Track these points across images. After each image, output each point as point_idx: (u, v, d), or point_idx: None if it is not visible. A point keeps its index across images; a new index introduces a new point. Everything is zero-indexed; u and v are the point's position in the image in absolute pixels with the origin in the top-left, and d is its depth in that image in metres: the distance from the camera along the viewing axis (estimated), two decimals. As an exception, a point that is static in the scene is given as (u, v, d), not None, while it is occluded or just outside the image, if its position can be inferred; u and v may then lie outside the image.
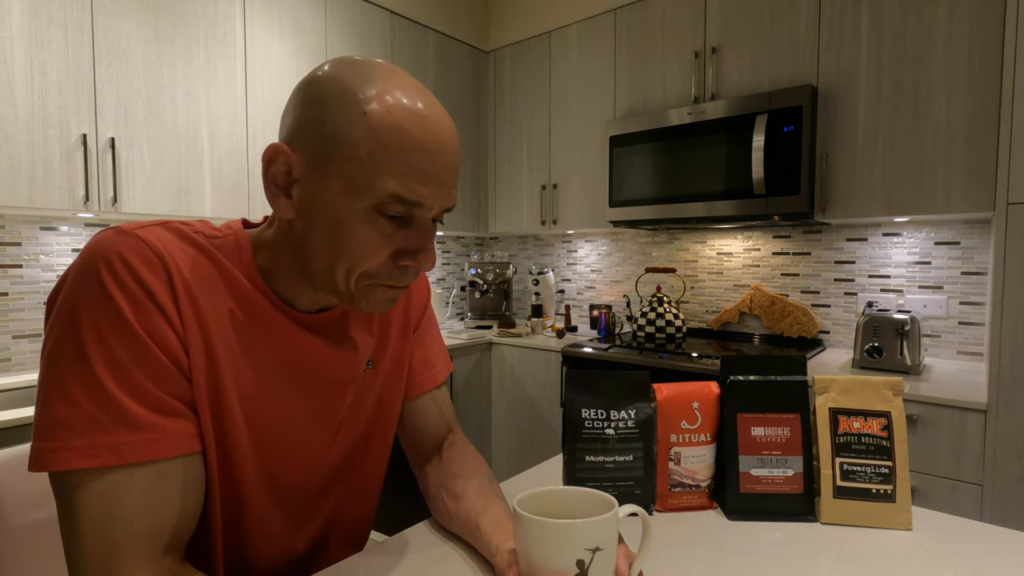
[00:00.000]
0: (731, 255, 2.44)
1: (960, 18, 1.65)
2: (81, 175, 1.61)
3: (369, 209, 0.52)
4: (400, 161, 0.51)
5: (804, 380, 0.80)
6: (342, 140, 0.50)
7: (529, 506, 0.53)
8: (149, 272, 0.51)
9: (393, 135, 0.50)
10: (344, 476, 0.70)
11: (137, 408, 0.49)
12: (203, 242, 0.56)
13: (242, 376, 0.57)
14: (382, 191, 0.51)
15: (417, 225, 0.55)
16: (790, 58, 1.96)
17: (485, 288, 2.89)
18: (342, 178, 0.51)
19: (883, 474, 0.75)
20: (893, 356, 1.71)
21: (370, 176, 0.51)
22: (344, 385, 0.66)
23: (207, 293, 0.55)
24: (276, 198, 0.54)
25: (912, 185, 1.75)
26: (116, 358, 0.48)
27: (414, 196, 0.52)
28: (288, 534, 0.66)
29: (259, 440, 0.59)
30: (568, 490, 0.55)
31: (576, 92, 2.58)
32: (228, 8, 1.93)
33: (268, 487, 0.62)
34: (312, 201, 0.53)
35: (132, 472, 0.48)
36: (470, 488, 0.71)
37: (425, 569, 0.65)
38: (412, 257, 0.55)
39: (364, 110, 0.50)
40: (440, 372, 0.80)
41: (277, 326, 0.59)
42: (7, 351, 1.75)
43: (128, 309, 0.49)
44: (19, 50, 1.50)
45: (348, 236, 0.53)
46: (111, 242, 0.50)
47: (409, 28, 2.56)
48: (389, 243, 0.54)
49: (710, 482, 0.81)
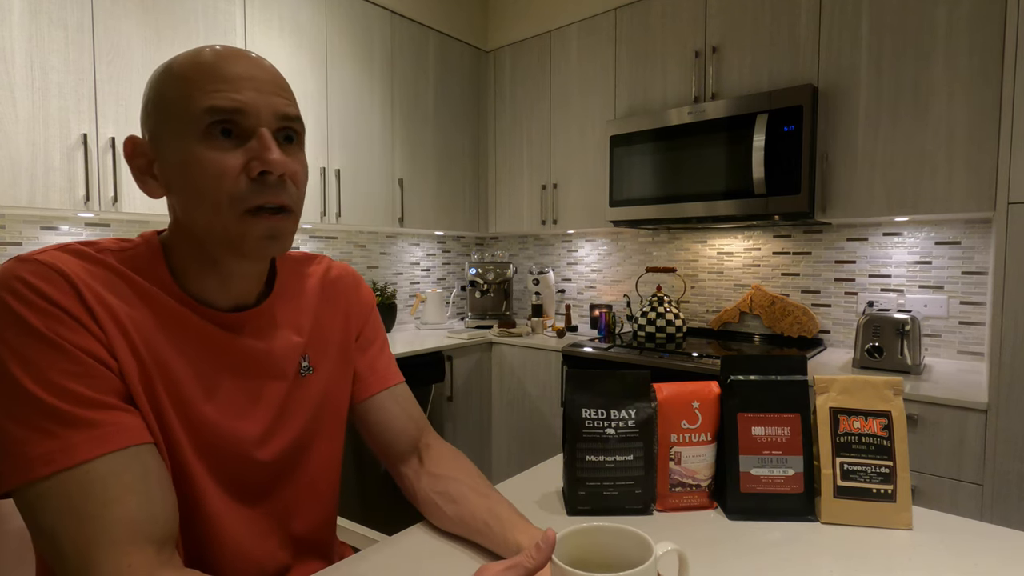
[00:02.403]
0: (731, 255, 2.44)
1: (960, 18, 1.65)
2: (81, 175, 1.61)
3: (201, 136, 0.55)
4: (203, 80, 0.55)
5: (804, 380, 0.80)
6: (160, 98, 0.57)
7: (563, 546, 0.51)
8: (54, 289, 0.52)
9: (191, 67, 0.56)
10: (289, 476, 0.70)
11: (76, 410, 0.50)
12: (108, 259, 0.57)
13: (169, 377, 0.58)
14: (199, 111, 0.54)
15: (257, 138, 0.56)
16: (790, 58, 1.96)
17: (485, 288, 2.89)
18: (171, 126, 0.56)
19: (883, 474, 0.75)
20: (893, 356, 1.71)
21: (187, 107, 0.55)
22: (267, 382, 0.66)
23: (120, 304, 0.56)
24: (146, 184, 0.60)
25: (912, 185, 1.75)
26: (41, 370, 0.50)
27: (228, 102, 0.55)
28: (247, 539, 0.65)
29: (195, 439, 0.60)
30: (603, 528, 0.53)
31: (576, 92, 2.58)
32: (228, 8, 1.93)
33: (215, 485, 0.62)
34: (166, 166, 0.57)
35: (87, 471, 0.49)
36: (465, 488, 0.71)
37: (425, 569, 0.65)
38: (260, 161, 0.56)
39: (169, 67, 0.57)
40: (391, 376, 0.81)
41: (195, 329, 0.61)
42: (7, 351, 1.74)
43: (40, 323, 0.50)
44: (19, 50, 1.50)
45: (198, 170, 0.55)
46: (10, 271, 0.52)
47: (409, 28, 2.56)
48: (234, 158, 0.56)
49: (710, 482, 0.81)
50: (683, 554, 0.52)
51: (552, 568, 0.49)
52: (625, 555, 0.51)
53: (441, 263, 3.17)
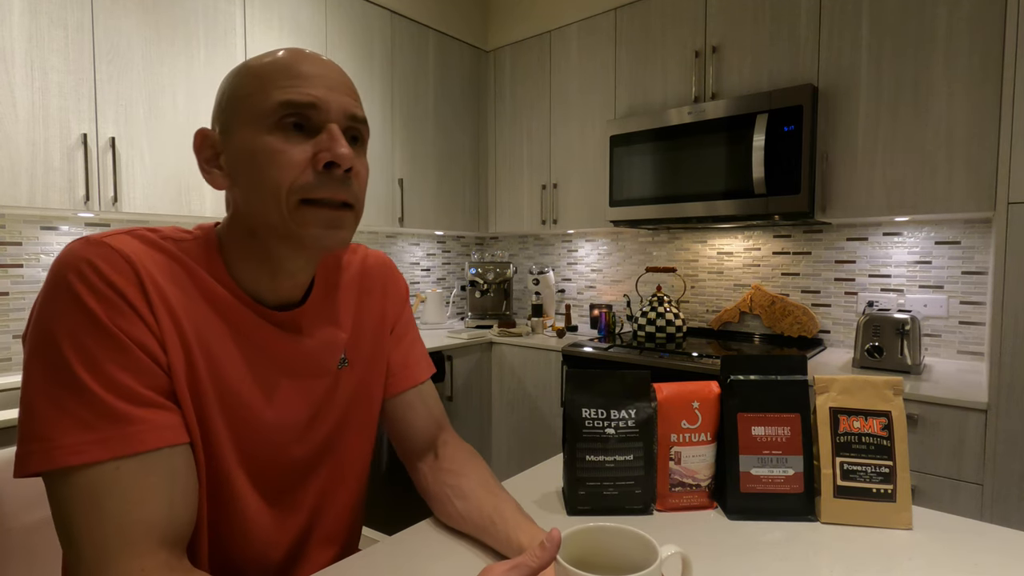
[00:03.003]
0: (731, 255, 2.44)
1: (960, 18, 1.65)
2: (81, 175, 1.61)
3: (272, 127, 0.56)
4: (280, 76, 0.57)
5: (804, 380, 0.80)
6: (236, 92, 0.58)
7: (567, 546, 0.51)
8: (119, 275, 0.52)
9: (269, 64, 0.58)
10: (321, 467, 0.71)
11: (119, 403, 0.50)
12: (171, 247, 0.58)
13: (217, 373, 0.58)
14: (274, 104, 0.56)
15: (325, 132, 0.57)
16: (790, 57, 1.96)
17: (485, 288, 2.89)
18: (243, 118, 0.57)
19: (883, 474, 0.75)
20: (893, 356, 1.71)
21: (261, 100, 0.56)
22: (314, 380, 0.67)
23: (179, 295, 0.56)
24: (210, 174, 0.60)
25: (912, 184, 1.75)
26: (94, 358, 0.50)
27: (302, 96, 0.56)
28: (274, 532, 0.66)
29: (236, 434, 0.61)
30: (607, 528, 0.53)
31: (576, 91, 2.58)
32: (228, 7, 1.93)
33: (249, 479, 0.63)
34: (233, 156, 0.58)
35: (119, 465, 0.49)
36: (475, 485, 0.72)
37: (426, 568, 0.65)
38: (328, 153, 0.56)
39: (247, 66, 0.59)
40: (421, 371, 0.81)
41: (248, 324, 0.61)
42: (7, 351, 1.75)
43: (101, 310, 0.51)
44: (19, 50, 1.50)
45: (266, 158, 0.56)
46: (79, 251, 0.52)
47: (409, 28, 2.56)
48: (302, 150, 0.57)
49: (710, 482, 0.81)
50: (686, 557, 0.52)
51: (556, 568, 0.49)
52: (628, 556, 0.51)
53: (441, 263, 3.17)
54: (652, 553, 0.49)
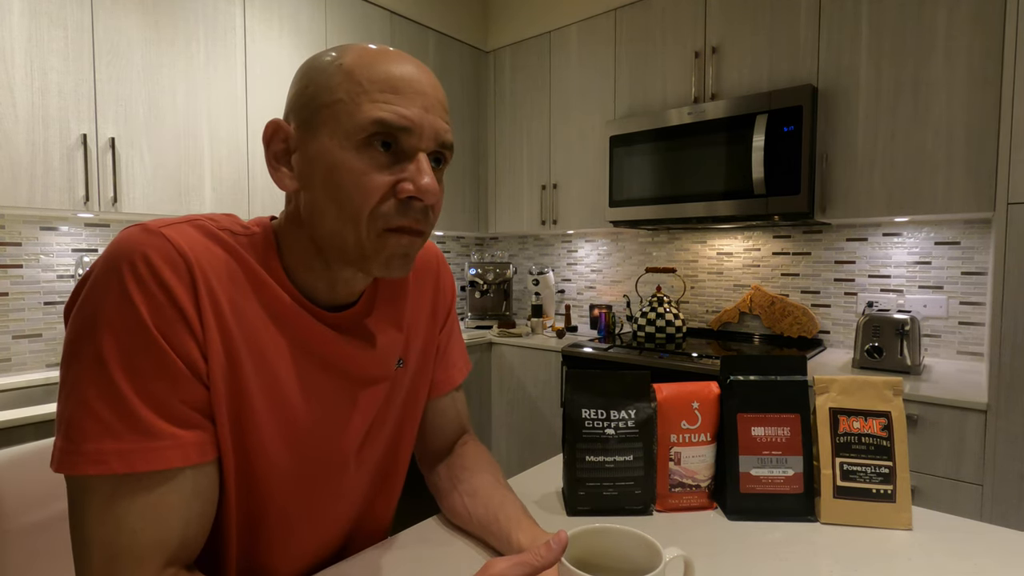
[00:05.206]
0: (731, 255, 2.44)
1: (960, 18, 1.65)
2: (81, 175, 1.61)
3: (360, 144, 0.53)
4: (376, 89, 0.53)
5: (804, 380, 0.80)
6: (324, 92, 0.53)
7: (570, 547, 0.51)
8: (172, 274, 0.50)
9: (366, 70, 0.53)
10: (371, 476, 0.69)
11: (150, 415, 0.48)
12: (230, 240, 0.55)
13: (268, 379, 0.56)
14: (366, 121, 0.52)
15: (413, 159, 0.54)
16: (790, 58, 1.96)
17: (485, 288, 2.89)
18: (329, 126, 0.53)
19: (883, 474, 0.75)
20: (893, 356, 1.71)
21: (352, 112, 0.52)
22: (375, 384, 0.65)
23: (232, 294, 0.54)
24: (278, 172, 0.56)
25: (912, 185, 1.75)
26: (133, 363, 0.48)
27: (397, 119, 0.52)
28: (313, 536, 0.64)
29: (289, 444, 0.58)
30: (610, 530, 0.53)
31: (576, 92, 2.58)
32: (228, 8, 1.93)
33: (295, 491, 0.60)
34: (309, 161, 0.54)
35: (140, 479, 0.48)
36: (484, 482, 0.71)
37: (426, 568, 0.65)
38: (413, 185, 0.54)
39: (340, 63, 0.54)
40: (460, 372, 0.80)
41: (305, 327, 0.58)
42: (7, 351, 1.74)
43: (147, 312, 0.49)
44: (19, 50, 1.50)
45: (345, 177, 0.53)
46: (136, 241, 0.50)
47: (409, 28, 2.56)
48: (387, 175, 0.53)
49: (710, 482, 0.81)
50: (689, 560, 0.52)
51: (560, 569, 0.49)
52: (631, 558, 0.51)
53: (441, 263, 3.17)
54: (656, 556, 0.49)
